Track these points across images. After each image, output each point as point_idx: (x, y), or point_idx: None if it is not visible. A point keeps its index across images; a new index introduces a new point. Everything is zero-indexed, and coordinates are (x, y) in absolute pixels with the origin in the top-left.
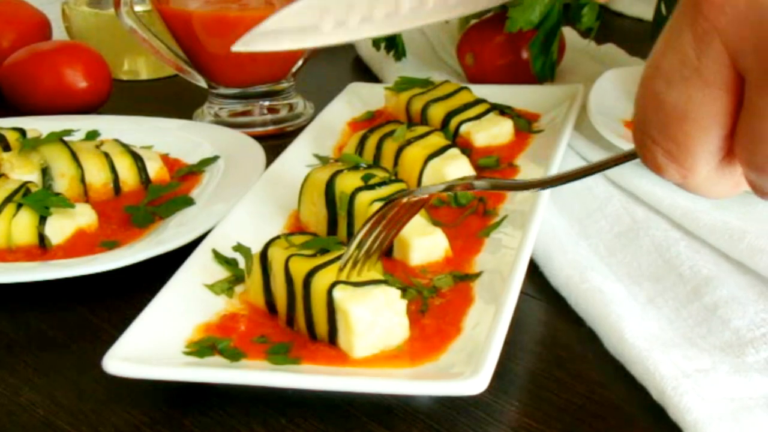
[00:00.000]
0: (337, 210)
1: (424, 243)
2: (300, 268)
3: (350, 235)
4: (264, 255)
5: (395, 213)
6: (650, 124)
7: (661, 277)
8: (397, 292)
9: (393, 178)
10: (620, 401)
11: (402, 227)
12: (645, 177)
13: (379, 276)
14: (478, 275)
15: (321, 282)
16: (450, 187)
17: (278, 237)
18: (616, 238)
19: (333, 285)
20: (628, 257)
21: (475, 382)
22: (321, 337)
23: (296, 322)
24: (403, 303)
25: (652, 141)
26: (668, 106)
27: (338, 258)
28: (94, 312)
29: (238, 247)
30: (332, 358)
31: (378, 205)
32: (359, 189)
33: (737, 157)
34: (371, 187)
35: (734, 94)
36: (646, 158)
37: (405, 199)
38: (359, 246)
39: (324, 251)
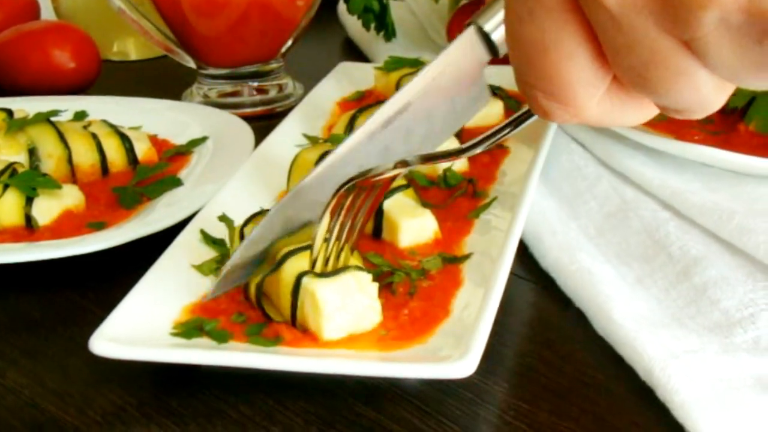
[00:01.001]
0: None
1: (413, 225)
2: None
3: None
4: (242, 230)
5: (354, 200)
6: (522, 68)
7: (650, 258)
8: (368, 276)
9: None
10: (609, 382)
11: (368, 216)
12: (635, 158)
13: (353, 263)
14: (467, 257)
15: (292, 267)
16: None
17: (260, 212)
18: (606, 219)
19: (303, 274)
20: (617, 237)
21: (463, 365)
22: (285, 320)
23: (266, 300)
24: (375, 286)
25: (529, 86)
26: (528, 44)
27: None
28: (81, 293)
29: (223, 218)
30: (316, 339)
31: None
32: None
33: (618, 77)
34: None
35: (579, 12)
36: (533, 106)
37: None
38: (326, 240)
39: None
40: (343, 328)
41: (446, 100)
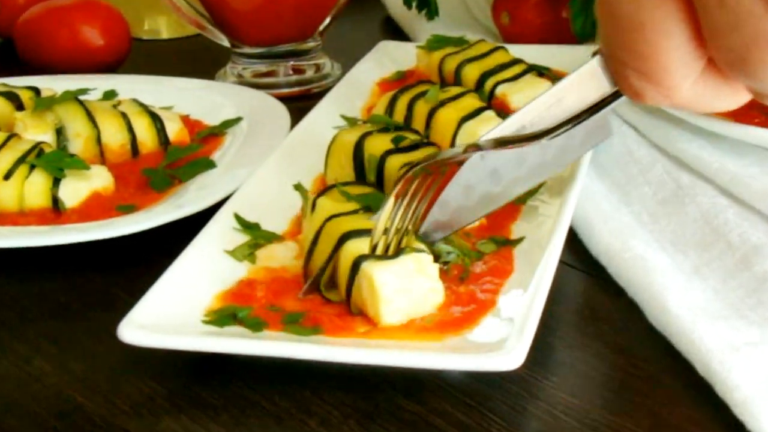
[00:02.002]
0: (365, 174)
1: None
2: (335, 228)
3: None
4: (314, 202)
5: (420, 184)
6: (614, 45)
7: (708, 246)
8: (429, 257)
9: (425, 140)
10: (663, 376)
11: (433, 202)
12: (692, 141)
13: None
14: (519, 240)
15: (352, 249)
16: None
17: (334, 186)
18: (660, 205)
19: (361, 258)
20: (672, 225)
21: (511, 357)
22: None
23: (324, 281)
24: (436, 267)
25: (621, 64)
26: (624, 19)
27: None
28: (110, 279)
29: (298, 186)
30: (354, 329)
31: None
32: (389, 152)
33: (715, 59)
34: (402, 150)
35: None
36: (623, 86)
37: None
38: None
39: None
40: (403, 311)
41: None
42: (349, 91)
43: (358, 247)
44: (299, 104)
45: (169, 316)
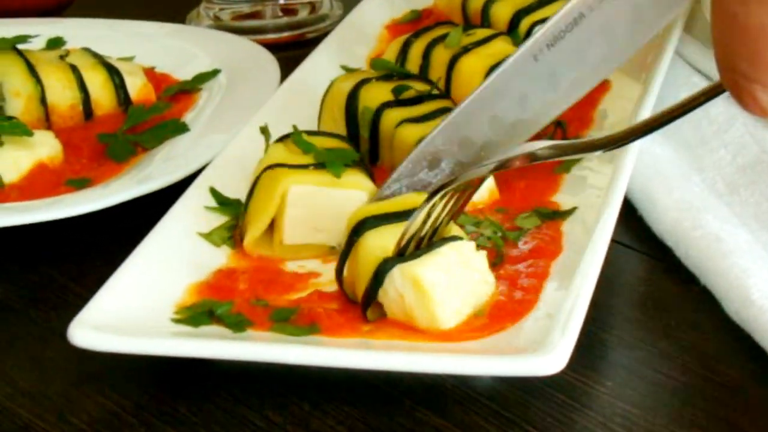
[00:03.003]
0: (359, 129)
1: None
2: (273, 180)
3: (373, 161)
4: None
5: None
6: (737, 56)
7: None
8: (471, 244)
9: (434, 92)
10: (745, 381)
11: (461, 210)
12: None
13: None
14: (570, 212)
15: (373, 244)
16: (503, 164)
17: (298, 132)
18: (740, 172)
19: (388, 260)
20: (755, 195)
21: (552, 358)
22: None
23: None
24: (483, 255)
25: (745, 78)
26: (752, 29)
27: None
28: (60, 269)
29: (264, 129)
30: (358, 326)
31: (410, 127)
32: (386, 105)
33: None
34: (402, 103)
35: None
36: (745, 101)
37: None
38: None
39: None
40: (460, 310)
41: (629, 7)
42: (352, 36)
43: (381, 243)
44: (291, 53)
45: (131, 313)
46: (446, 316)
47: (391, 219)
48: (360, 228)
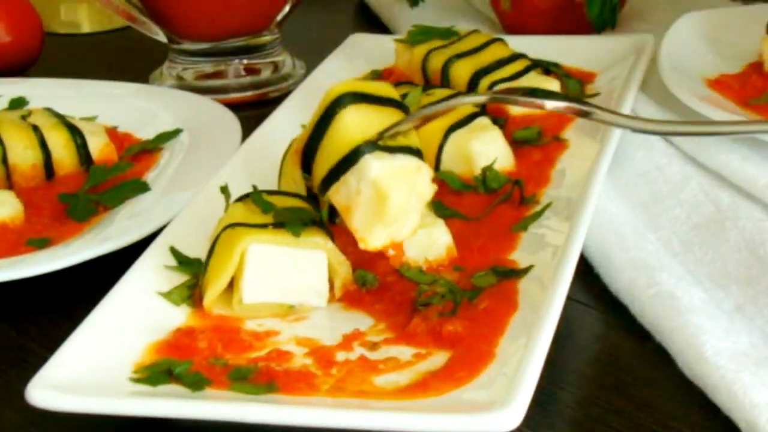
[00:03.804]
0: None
1: (418, 237)
2: (233, 239)
3: (332, 220)
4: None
5: None
6: None
7: (754, 280)
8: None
9: None
10: None
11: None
12: (734, 151)
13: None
14: (526, 271)
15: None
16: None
17: (258, 192)
18: (695, 231)
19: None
20: (710, 254)
21: (506, 416)
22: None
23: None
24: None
25: None
26: None
27: None
28: (19, 329)
29: (224, 189)
30: (316, 385)
31: None
32: None
33: None
34: None
35: None
36: None
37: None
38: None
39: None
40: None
41: None
42: (314, 95)
43: (360, 122)
44: (253, 112)
45: (90, 373)
46: (380, 235)
47: (371, 100)
48: (341, 100)
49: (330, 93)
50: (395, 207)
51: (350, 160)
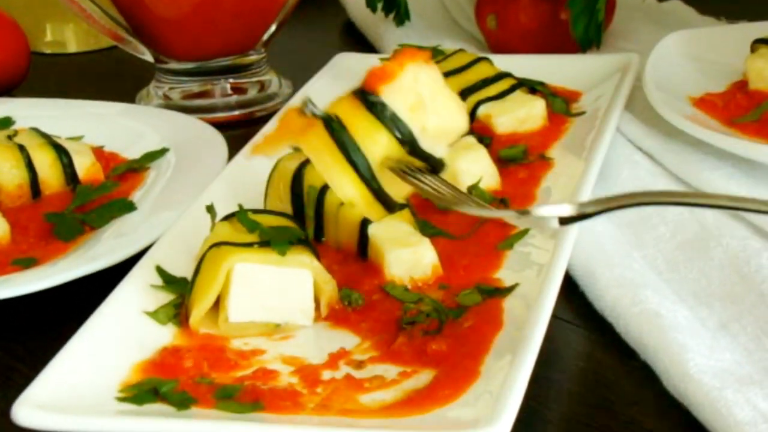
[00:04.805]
0: (304, 208)
1: (404, 256)
2: (218, 258)
3: (318, 239)
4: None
5: None
6: None
7: (738, 298)
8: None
9: None
10: None
11: None
12: (718, 169)
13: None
14: (511, 289)
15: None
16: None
17: (244, 211)
18: (680, 249)
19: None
20: (694, 272)
21: None
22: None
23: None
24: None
25: None
26: None
27: None
28: (5, 347)
29: (210, 208)
30: (302, 404)
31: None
32: None
33: None
34: None
35: None
36: None
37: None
38: None
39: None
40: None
41: None
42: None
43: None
44: (239, 131)
45: (76, 392)
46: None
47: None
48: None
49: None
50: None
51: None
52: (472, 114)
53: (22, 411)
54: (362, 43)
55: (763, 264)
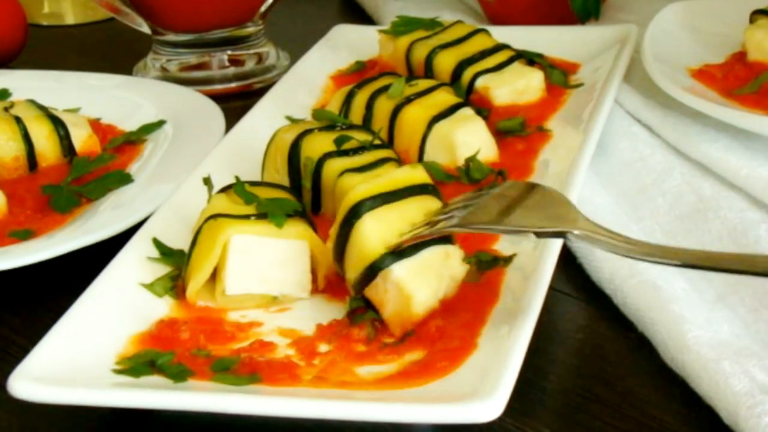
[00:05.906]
0: (301, 179)
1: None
2: (215, 230)
3: (315, 211)
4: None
5: None
6: None
7: None
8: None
9: (376, 142)
10: (681, 427)
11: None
12: (717, 141)
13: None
14: (510, 259)
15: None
16: None
17: (241, 183)
18: (678, 221)
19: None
20: (692, 244)
21: (488, 406)
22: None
23: None
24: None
25: None
26: None
27: None
28: (2, 319)
29: (207, 180)
30: (298, 375)
31: (352, 177)
32: (328, 155)
33: None
34: (344, 153)
35: None
36: None
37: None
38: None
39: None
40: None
41: None
42: (297, 87)
43: (378, 229)
44: (237, 103)
45: (72, 364)
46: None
47: (388, 199)
48: (358, 210)
49: (347, 200)
50: (420, 305)
51: (372, 272)
52: (470, 85)
53: (18, 383)
54: (360, 15)
55: (761, 235)
